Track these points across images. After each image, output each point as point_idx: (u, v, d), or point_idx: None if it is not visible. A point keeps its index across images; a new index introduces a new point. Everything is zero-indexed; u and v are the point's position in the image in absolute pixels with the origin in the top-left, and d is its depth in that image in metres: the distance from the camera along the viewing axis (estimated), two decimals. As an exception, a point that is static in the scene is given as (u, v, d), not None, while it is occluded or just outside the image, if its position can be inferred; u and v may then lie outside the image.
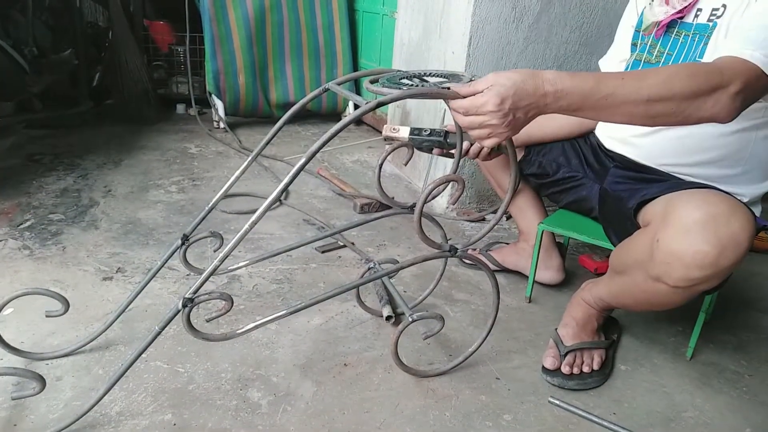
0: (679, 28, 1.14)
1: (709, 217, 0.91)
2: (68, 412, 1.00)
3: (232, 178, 1.12)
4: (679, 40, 1.14)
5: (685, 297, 1.01)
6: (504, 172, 1.52)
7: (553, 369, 1.20)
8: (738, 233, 0.91)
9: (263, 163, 2.49)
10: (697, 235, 0.91)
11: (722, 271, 0.93)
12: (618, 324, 1.39)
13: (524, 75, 0.84)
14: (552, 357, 1.22)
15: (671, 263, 0.95)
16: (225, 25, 2.93)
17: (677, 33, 1.15)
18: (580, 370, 1.20)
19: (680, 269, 0.94)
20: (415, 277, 1.60)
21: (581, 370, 1.20)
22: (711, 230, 0.90)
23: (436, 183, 0.95)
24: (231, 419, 1.03)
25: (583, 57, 2.02)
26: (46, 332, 1.24)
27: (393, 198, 1.21)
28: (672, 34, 1.16)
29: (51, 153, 2.46)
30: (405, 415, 1.07)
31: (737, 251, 0.91)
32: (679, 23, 1.14)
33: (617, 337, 1.34)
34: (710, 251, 0.90)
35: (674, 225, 0.94)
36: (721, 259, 0.91)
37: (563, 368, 1.20)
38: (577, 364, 1.21)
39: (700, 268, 0.92)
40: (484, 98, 0.84)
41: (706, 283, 0.95)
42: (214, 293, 0.92)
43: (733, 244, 0.90)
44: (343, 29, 3.20)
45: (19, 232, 1.71)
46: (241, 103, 3.06)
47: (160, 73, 3.40)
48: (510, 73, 0.84)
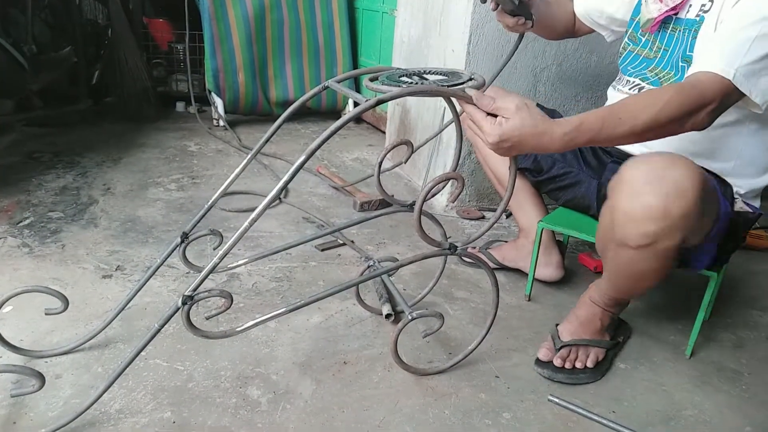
0: (674, 23, 1.17)
1: (650, 170, 0.97)
2: (67, 410, 1.00)
3: (232, 176, 1.11)
4: (675, 36, 1.17)
5: (658, 259, 1.04)
6: (505, 167, 1.52)
7: (545, 360, 1.21)
8: (681, 181, 0.95)
9: (263, 161, 2.48)
10: (642, 190, 0.97)
11: (676, 221, 0.96)
12: (628, 327, 1.38)
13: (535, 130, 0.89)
14: (546, 349, 1.23)
15: (626, 223, 1.01)
16: (224, 23, 2.93)
17: (672, 28, 1.18)
18: (573, 366, 1.20)
19: (635, 226, 1.00)
20: (415, 275, 1.60)
21: (574, 366, 1.20)
22: (654, 182, 0.96)
23: (436, 181, 0.94)
24: (230, 417, 1.03)
25: (583, 55, 2.01)
26: (45, 330, 1.24)
27: (393, 196, 1.21)
28: (668, 30, 1.19)
29: (50, 151, 2.46)
30: (404, 413, 1.07)
31: (684, 199, 0.95)
32: (674, 19, 1.17)
33: (624, 340, 1.34)
34: (656, 202, 0.95)
35: (621, 187, 1.00)
36: (668, 208, 0.95)
37: (555, 360, 1.20)
38: (570, 359, 1.21)
39: (651, 221, 0.97)
40: (488, 128, 0.90)
41: (666, 238, 0.99)
42: (213, 291, 0.92)
43: (676, 192, 0.95)
44: (343, 27, 3.19)
45: (19, 230, 1.70)
46: (241, 101, 3.06)
47: (159, 71, 3.40)
48: (526, 116, 0.89)
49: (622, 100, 0.99)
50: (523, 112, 0.89)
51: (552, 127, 0.90)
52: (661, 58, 1.20)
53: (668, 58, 1.18)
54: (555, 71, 2.01)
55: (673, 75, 1.17)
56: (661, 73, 1.20)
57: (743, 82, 0.97)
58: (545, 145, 0.91)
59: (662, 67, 1.19)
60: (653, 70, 1.21)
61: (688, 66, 1.12)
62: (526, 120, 0.89)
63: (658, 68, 1.20)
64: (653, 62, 1.22)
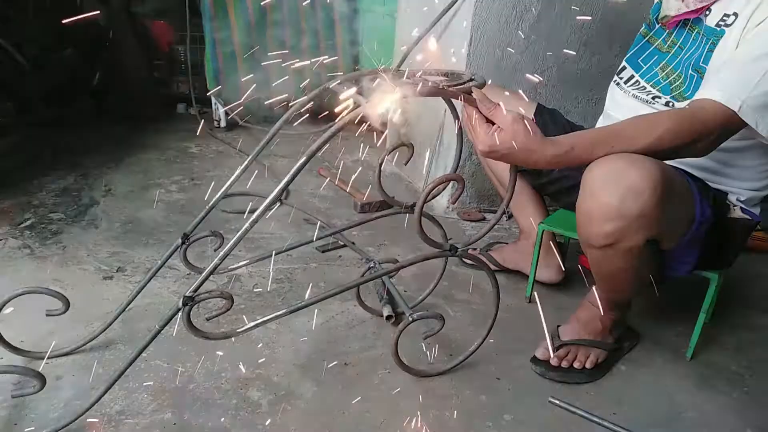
0: (693, 23, 1.16)
1: (608, 172, 0.98)
2: (68, 411, 1.00)
3: (233, 178, 1.12)
4: (692, 36, 1.16)
5: (624, 260, 1.05)
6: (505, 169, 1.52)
7: (542, 359, 1.22)
8: (636, 182, 0.95)
9: (263, 163, 2.48)
10: (599, 191, 0.98)
11: (631, 221, 0.97)
12: (635, 335, 1.37)
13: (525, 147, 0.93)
14: (544, 348, 1.23)
15: (586, 224, 1.03)
16: (225, 25, 2.93)
17: (691, 28, 1.17)
18: (570, 365, 1.20)
19: (593, 226, 1.01)
20: (415, 276, 1.60)
21: (571, 365, 1.20)
22: (610, 183, 0.97)
23: (437, 182, 0.95)
24: (231, 418, 1.03)
25: (584, 57, 2.02)
26: (46, 331, 1.24)
27: (393, 197, 1.21)
28: (686, 29, 1.18)
29: (51, 152, 2.45)
30: (405, 415, 1.07)
31: (639, 198, 0.95)
32: (693, 20, 1.16)
33: (629, 346, 1.33)
34: (612, 201, 0.97)
35: (583, 189, 1.01)
36: (624, 209, 0.96)
37: (552, 360, 1.20)
38: (568, 359, 1.21)
39: (608, 221, 0.99)
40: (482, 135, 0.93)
41: (627, 237, 1.00)
42: (214, 292, 0.92)
43: (632, 193, 0.95)
44: (344, 29, 3.19)
45: (20, 231, 1.71)
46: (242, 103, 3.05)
47: (160, 72, 3.40)
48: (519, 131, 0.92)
49: (617, 124, 1.00)
50: (518, 125, 0.91)
51: (543, 146, 0.93)
52: (674, 56, 1.18)
53: (681, 59, 1.17)
54: (556, 73, 2.02)
55: (682, 82, 1.16)
56: (672, 75, 1.18)
57: (750, 114, 0.97)
58: (534, 161, 0.95)
59: (673, 68, 1.18)
60: (664, 69, 1.20)
61: (698, 76, 1.12)
62: (519, 136, 0.91)
63: (669, 67, 1.19)
64: (665, 57, 1.20)
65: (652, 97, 1.20)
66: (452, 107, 1.08)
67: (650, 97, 1.21)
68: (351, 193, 2.16)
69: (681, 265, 1.16)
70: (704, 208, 1.09)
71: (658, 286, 1.39)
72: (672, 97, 1.17)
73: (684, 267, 1.16)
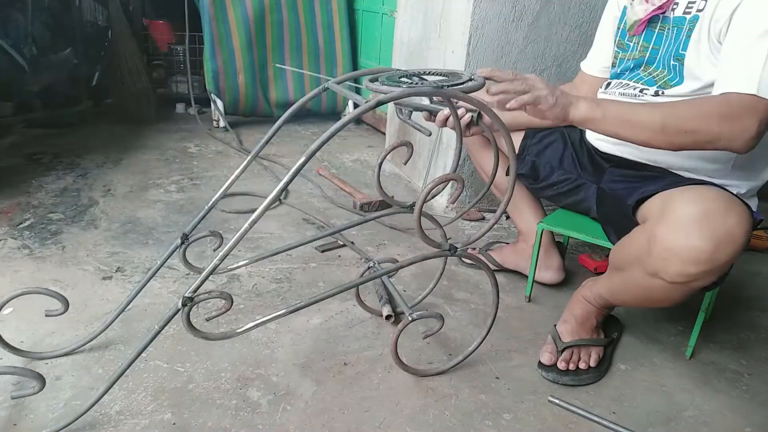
0: (662, 22, 1.16)
1: (705, 212, 0.93)
2: (68, 412, 1.00)
3: (232, 178, 1.12)
4: (663, 34, 1.16)
5: (683, 293, 1.02)
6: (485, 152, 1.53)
7: (549, 364, 1.21)
8: (734, 229, 0.92)
9: (263, 163, 2.49)
10: (693, 231, 0.93)
11: (718, 267, 0.94)
12: (619, 323, 1.39)
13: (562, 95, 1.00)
14: (549, 353, 1.22)
15: (668, 259, 0.96)
16: (224, 25, 2.93)
17: (660, 27, 1.16)
18: (576, 367, 1.20)
19: (677, 265, 0.95)
20: (415, 276, 1.60)
21: (577, 367, 1.20)
22: (706, 226, 0.92)
23: (436, 182, 0.95)
24: (231, 418, 1.03)
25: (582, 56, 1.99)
26: (45, 331, 1.24)
27: (393, 197, 1.21)
28: (655, 29, 1.17)
29: (50, 152, 2.46)
30: (405, 414, 1.07)
31: (733, 247, 0.92)
32: (661, 18, 1.16)
33: (618, 335, 1.34)
34: (706, 247, 0.92)
35: (671, 221, 0.96)
36: (716, 255, 0.92)
37: (559, 364, 1.20)
38: (573, 360, 1.21)
39: (696, 264, 0.93)
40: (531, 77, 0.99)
41: (703, 279, 0.96)
42: (213, 292, 0.92)
43: (728, 240, 0.91)
44: (343, 28, 3.19)
45: (19, 232, 1.71)
46: (241, 103, 3.06)
47: (159, 72, 3.40)
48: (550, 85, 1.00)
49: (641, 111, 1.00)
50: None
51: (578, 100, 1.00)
52: (652, 57, 1.18)
53: (659, 57, 1.17)
54: (555, 72, 2.02)
55: (666, 74, 1.16)
56: (654, 72, 1.18)
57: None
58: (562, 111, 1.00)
59: (654, 66, 1.18)
60: (645, 69, 1.20)
61: (680, 65, 1.11)
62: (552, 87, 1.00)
63: (650, 67, 1.19)
64: (643, 61, 1.20)
65: (639, 90, 1.20)
66: (452, 107, 1.08)
67: (636, 90, 1.20)
68: (350, 193, 2.16)
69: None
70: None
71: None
72: (658, 87, 1.16)
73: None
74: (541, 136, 1.42)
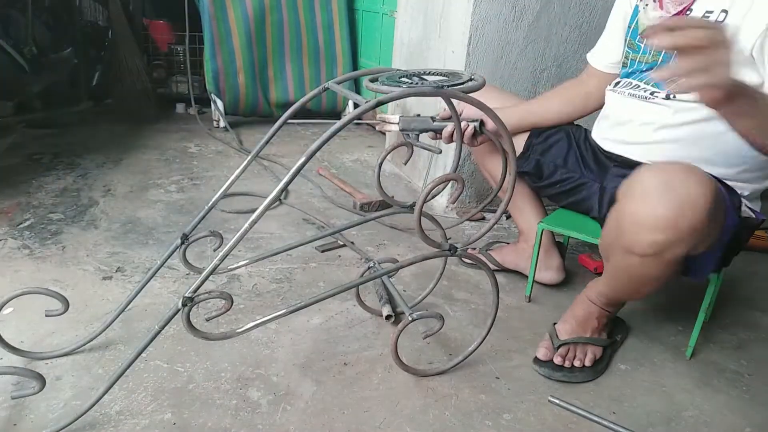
0: None
1: (665, 181, 0.96)
2: (68, 412, 1.00)
3: (232, 178, 1.12)
4: None
5: (660, 269, 1.04)
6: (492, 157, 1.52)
7: (544, 360, 1.22)
8: (694, 195, 0.94)
9: (263, 163, 2.49)
10: (655, 200, 0.96)
11: (684, 234, 0.96)
12: (625, 325, 1.38)
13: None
14: (545, 348, 1.23)
15: (635, 231, 1.00)
16: (225, 25, 2.93)
17: None
18: (572, 364, 1.21)
19: (643, 234, 0.99)
20: (415, 276, 1.60)
21: (572, 364, 1.21)
22: (667, 194, 0.95)
23: (436, 182, 0.95)
24: (231, 418, 1.03)
25: (582, 56, 2.00)
26: (45, 332, 1.24)
27: (393, 197, 1.21)
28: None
29: (50, 152, 2.46)
30: (405, 415, 1.07)
31: (695, 212, 0.94)
32: None
33: (621, 338, 1.34)
34: (668, 213, 0.95)
35: (634, 194, 0.99)
36: (679, 221, 0.94)
37: (555, 359, 1.21)
38: (569, 357, 1.21)
39: (661, 231, 0.96)
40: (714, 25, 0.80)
41: (673, 248, 0.98)
42: (213, 292, 0.92)
43: (690, 206, 0.94)
44: (343, 29, 3.19)
45: (19, 232, 1.71)
46: (241, 103, 3.06)
47: (159, 72, 3.40)
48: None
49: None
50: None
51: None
52: (663, 62, 1.18)
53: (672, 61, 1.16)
54: (555, 72, 2.02)
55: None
56: None
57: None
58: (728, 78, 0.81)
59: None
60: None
61: None
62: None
63: None
64: (655, 65, 1.20)
65: (650, 93, 1.20)
66: (452, 106, 1.08)
67: (647, 93, 1.20)
68: (350, 193, 2.16)
69: (703, 269, 1.15)
70: (732, 214, 1.09)
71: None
72: (669, 91, 1.16)
73: (705, 271, 1.15)
74: (546, 135, 1.43)
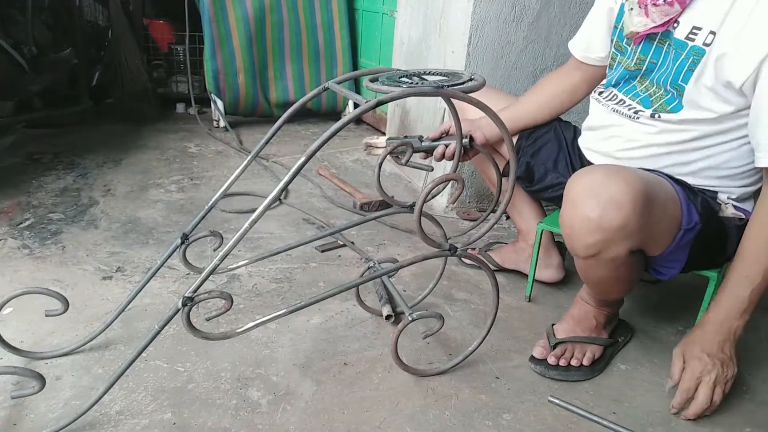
0: (662, 36, 1.11)
1: (589, 185, 1.00)
2: (68, 411, 1.01)
3: (232, 177, 1.12)
4: (663, 49, 1.12)
5: (609, 268, 1.07)
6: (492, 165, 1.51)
7: (540, 358, 1.22)
8: (616, 195, 0.96)
9: (263, 163, 2.49)
10: (580, 204, 1.00)
11: (612, 233, 0.99)
12: (629, 327, 1.38)
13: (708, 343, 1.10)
14: (541, 347, 1.23)
15: (569, 234, 1.05)
16: (225, 25, 2.93)
17: (660, 41, 1.12)
18: (568, 363, 1.21)
19: (576, 238, 1.04)
20: (415, 276, 1.60)
21: (569, 363, 1.21)
22: (591, 197, 0.98)
23: (436, 182, 0.95)
24: (231, 418, 1.03)
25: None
26: (45, 331, 1.24)
27: (393, 197, 1.21)
28: (653, 42, 1.13)
29: (50, 152, 2.46)
30: (405, 414, 1.07)
31: (619, 212, 0.96)
32: (660, 33, 1.11)
33: (624, 340, 1.33)
34: (592, 215, 0.98)
35: (565, 200, 1.04)
36: (604, 222, 0.97)
37: (549, 358, 1.21)
38: (565, 356, 1.21)
39: (589, 233, 1.00)
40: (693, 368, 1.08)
41: (609, 249, 1.01)
42: (213, 292, 0.92)
43: (612, 206, 0.96)
44: (343, 28, 3.19)
45: (19, 231, 1.71)
46: (241, 103, 3.06)
47: (159, 72, 3.40)
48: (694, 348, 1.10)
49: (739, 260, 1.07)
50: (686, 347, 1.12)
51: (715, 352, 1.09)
52: (648, 71, 1.15)
53: (657, 72, 1.13)
54: (555, 72, 2.01)
55: (663, 94, 1.13)
56: (651, 88, 1.15)
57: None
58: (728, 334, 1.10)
59: (651, 80, 1.15)
60: (642, 83, 1.18)
61: (679, 95, 1.09)
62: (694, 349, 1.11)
63: (646, 80, 1.16)
64: (639, 73, 1.17)
65: (634, 112, 1.17)
66: (452, 106, 1.08)
67: (632, 111, 1.18)
68: (350, 193, 2.16)
69: (667, 269, 1.15)
70: (691, 214, 1.08)
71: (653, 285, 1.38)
72: (654, 110, 1.14)
73: (671, 271, 1.15)
74: (536, 137, 1.42)
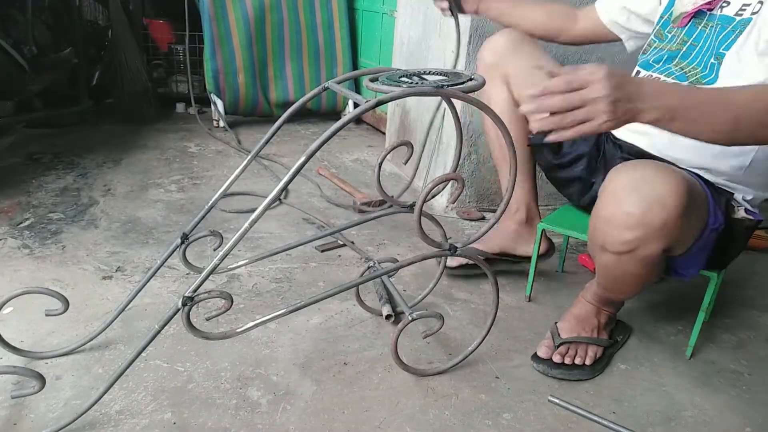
0: (708, 19, 1.14)
1: (634, 180, 0.98)
2: (68, 411, 1.01)
3: (232, 177, 1.12)
4: (705, 31, 1.14)
5: (639, 266, 1.05)
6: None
7: (544, 357, 1.22)
8: (662, 193, 0.95)
9: (263, 163, 2.49)
10: (624, 198, 0.98)
11: (654, 231, 0.97)
12: (627, 327, 1.38)
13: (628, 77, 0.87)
14: (546, 347, 1.24)
15: (606, 229, 1.03)
16: (225, 25, 2.93)
17: (704, 24, 1.15)
18: (572, 362, 1.21)
19: (613, 232, 1.01)
20: (415, 275, 1.60)
21: (573, 362, 1.21)
22: (636, 192, 0.96)
23: (436, 182, 0.95)
24: (230, 418, 1.03)
25: (582, 56, 2.02)
26: (45, 331, 1.24)
27: (393, 197, 1.21)
28: (699, 25, 1.16)
29: (51, 152, 2.46)
30: (405, 414, 1.07)
31: (663, 210, 0.95)
32: (708, 14, 1.14)
33: (622, 339, 1.34)
34: (636, 211, 0.96)
35: (605, 194, 1.01)
36: (647, 219, 0.96)
37: (554, 357, 1.21)
38: (569, 355, 1.21)
39: (629, 229, 0.98)
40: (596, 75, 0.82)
41: (645, 246, 1.00)
42: (213, 292, 0.92)
43: (658, 204, 0.95)
44: (343, 28, 3.19)
45: (19, 231, 1.71)
46: (241, 102, 3.06)
47: (159, 72, 3.40)
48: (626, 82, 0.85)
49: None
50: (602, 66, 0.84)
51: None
52: (687, 52, 1.16)
53: (696, 53, 1.15)
54: (555, 72, 2.01)
55: (700, 70, 1.14)
56: (687, 68, 1.16)
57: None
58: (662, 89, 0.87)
59: (688, 62, 1.16)
60: (678, 64, 1.18)
61: (718, 63, 1.09)
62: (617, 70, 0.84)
63: (683, 62, 1.17)
64: (677, 54, 1.18)
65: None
66: (452, 106, 1.08)
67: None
68: (350, 193, 2.16)
69: (689, 269, 1.15)
70: (717, 214, 1.09)
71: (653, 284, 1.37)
72: (690, 83, 1.14)
73: (692, 271, 1.15)
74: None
